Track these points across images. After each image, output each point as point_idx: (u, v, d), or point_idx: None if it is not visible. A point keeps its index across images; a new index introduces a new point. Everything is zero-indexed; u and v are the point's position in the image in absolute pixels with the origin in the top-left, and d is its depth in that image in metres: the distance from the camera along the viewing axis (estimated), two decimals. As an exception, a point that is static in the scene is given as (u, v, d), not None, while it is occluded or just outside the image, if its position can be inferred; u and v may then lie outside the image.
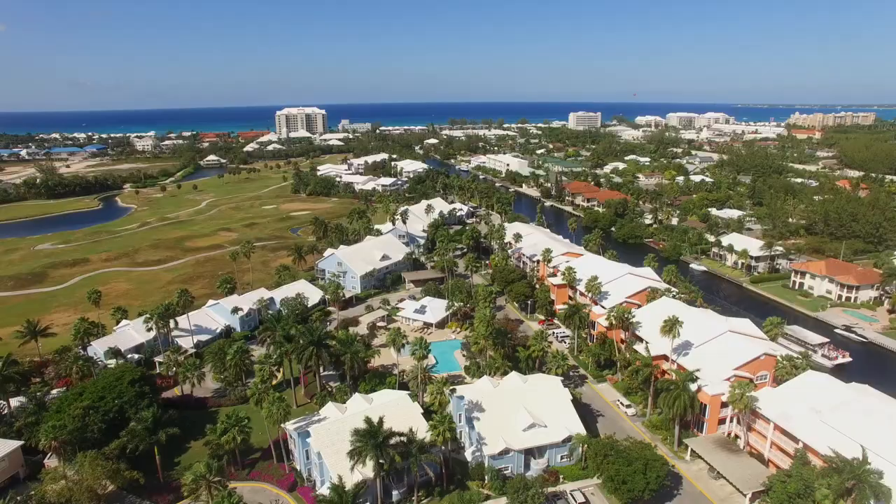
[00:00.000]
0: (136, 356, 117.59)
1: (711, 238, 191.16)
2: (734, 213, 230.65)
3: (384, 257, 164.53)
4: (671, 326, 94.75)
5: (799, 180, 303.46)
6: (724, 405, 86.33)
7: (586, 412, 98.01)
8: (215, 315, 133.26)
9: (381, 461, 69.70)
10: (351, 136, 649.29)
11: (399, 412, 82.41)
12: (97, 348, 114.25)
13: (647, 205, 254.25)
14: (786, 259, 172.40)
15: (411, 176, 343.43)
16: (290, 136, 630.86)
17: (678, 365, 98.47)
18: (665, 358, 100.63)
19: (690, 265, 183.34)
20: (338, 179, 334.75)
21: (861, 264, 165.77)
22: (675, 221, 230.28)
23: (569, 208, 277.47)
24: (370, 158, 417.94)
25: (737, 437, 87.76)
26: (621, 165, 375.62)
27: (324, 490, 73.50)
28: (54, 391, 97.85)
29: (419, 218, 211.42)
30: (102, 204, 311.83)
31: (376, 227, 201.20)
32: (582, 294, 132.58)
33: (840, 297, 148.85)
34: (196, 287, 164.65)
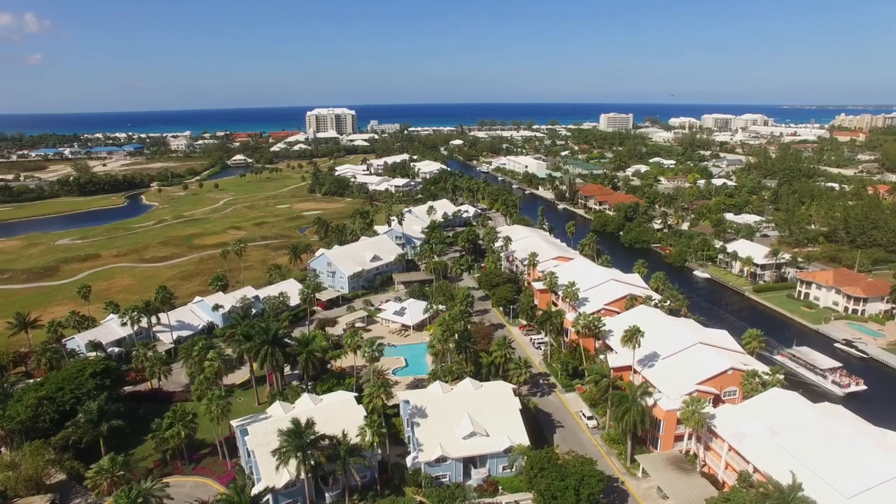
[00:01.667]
0: (117, 349, 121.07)
1: (718, 244, 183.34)
2: (751, 219, 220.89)
3: (375, 258, 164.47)
4: (631, 337, 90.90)
5: (829, 185, 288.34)
6: (680, 421, 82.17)
7: (546, 422, 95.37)
8: (199, 311, 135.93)
9: (305, 462, 69.22)
10: (377, 137, 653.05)
11: (342, 413, 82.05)
12: (79, 341, 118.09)
13: (661, 209, 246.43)
14: (794, 267, 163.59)
15: (427, 177, 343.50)
16: (316, 137, 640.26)
17: (643, 377, 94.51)
18: (629, 369, 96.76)
19: (694, 272, 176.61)
20: (352, 180, 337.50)
21: (880, 275, 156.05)
22: (686, 226, 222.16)
23: (581, 211, 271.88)
24: (391, 159, 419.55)
25: (695, 455, 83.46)
26: (644, 168, 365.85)
27: (257, 488, 73.51)
28: (21, 383, 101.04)
29: (420, 219, 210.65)
30: (128, 202, 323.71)
31: (375, 227, 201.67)
32: (563, 300, 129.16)
33: (847, 309, 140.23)
34: (194, 284, 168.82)
